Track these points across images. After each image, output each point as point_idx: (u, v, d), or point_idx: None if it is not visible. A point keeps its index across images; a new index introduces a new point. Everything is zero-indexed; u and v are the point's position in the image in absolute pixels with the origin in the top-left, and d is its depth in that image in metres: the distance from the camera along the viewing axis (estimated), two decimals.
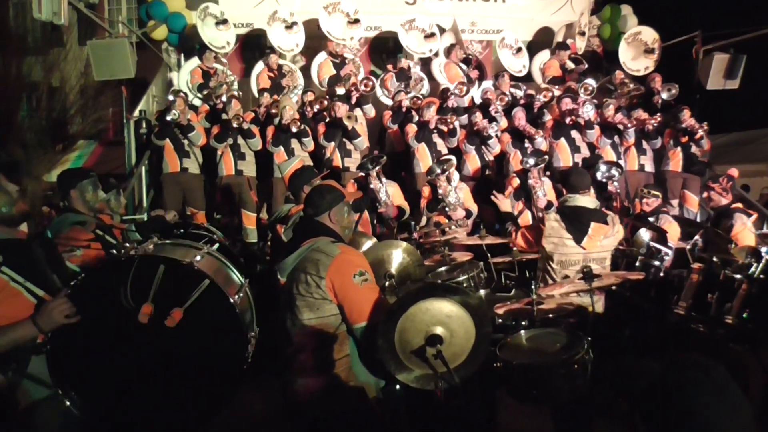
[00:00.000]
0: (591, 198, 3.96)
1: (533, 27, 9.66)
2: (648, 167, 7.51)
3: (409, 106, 7.40)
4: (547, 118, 7.56)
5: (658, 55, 8.84)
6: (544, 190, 6.24)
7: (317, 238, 2.48)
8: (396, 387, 2.46)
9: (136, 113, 7.79)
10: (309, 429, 2.43)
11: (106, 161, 12.21)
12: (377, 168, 5.57)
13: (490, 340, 2.32)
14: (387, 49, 9.29)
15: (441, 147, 7.18)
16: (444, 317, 2.16)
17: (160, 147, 7.09)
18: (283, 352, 2.47)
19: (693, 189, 7.41)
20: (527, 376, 2.66)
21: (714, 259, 3.80)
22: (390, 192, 5.73)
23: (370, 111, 7.70)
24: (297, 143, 6.98)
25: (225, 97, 7.26)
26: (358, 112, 7.41)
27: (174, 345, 2.34)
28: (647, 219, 5.22)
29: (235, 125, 6.83)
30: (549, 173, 6.79)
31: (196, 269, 2.42)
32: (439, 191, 5.91)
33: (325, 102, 7.38)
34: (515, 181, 6.58)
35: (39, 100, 13.45)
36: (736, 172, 5.34)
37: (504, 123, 7.51)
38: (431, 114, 7.07)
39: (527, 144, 7.14)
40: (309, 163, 6.38)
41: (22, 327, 2.21)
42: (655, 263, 4.45)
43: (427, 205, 6.16)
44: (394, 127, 7.54)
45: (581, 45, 9.12)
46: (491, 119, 7.32)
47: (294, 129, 6.77)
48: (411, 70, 8.21)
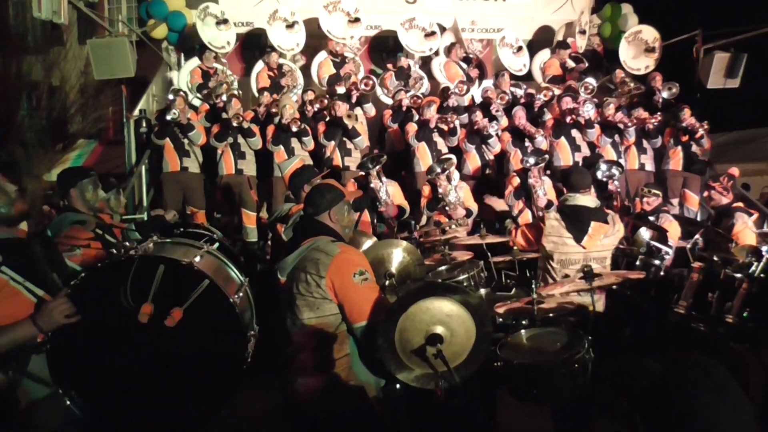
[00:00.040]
0: (591, 197, 3.95)
1: (533, 26, 9.67)
2: (648, 166, 7.50)
3: (410, 105, 7.39)
4: (548, 117, 7.55)
5: (658, 54, 8.83)
6: (544, 189, 6.23)
7: (317, 237, 2.48)
8: (396, 386, 2.46)
9: (136, 112, 7.78)
10: (309, 428, 2.43)
11: (106, 160, 12.20)
12: (377, 167, 5.57)
13: (490, 339, 2.32)
14: (387, 48, 9.27)
15: (441, 146, 7.17)
16: (444, 316, 2.16)
17: (160, 146, 7.08)
18: (283, 351, 2.47)
19: (693, 188, 7.41)
20: (528, 375, 2.66)
21: (714, 258, 3.80)
22: (390, 191, 5.73)
23: (370, 110, 7.69)
24: (297, 142, 6.97)
25: (225, 97, 7.25)
26: (358, 111, 7.41)
27: (174, 345, 2.34)
28: (648, 218, 5.22)
29: (235, 124, 6.83)
30: (549, 172, 6.78)
31: (195, 269, 2.41)
32: (440, 190, 5.91)
33: (325, 101, 7.37)
34: (515, 181, 6.57)
35: (39, 99, 13.42)
36: (736, 171, 5.34)
37: (504, 122, 7.50)
38: (431, 113, 7.06)
39: (527, 143, 7.13)
40: (309, 163, 6.38)
41: (22, 327, 2.21)
42: (656, 262, 4.44)
43: (428, 204, 6.16)
44: (394, 126, 7.54)
45: (582, 43, 9.11)
46: (491, 118, 7.31)
47: (294, 128, 6.76)
48: (411, 69, 8.20)
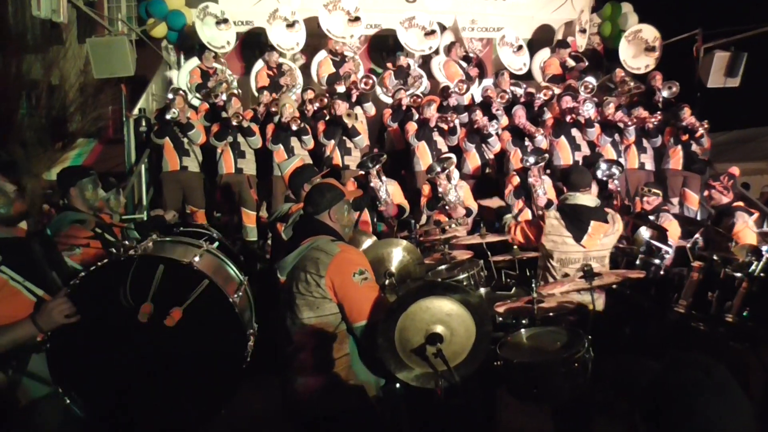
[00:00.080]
0: (591, 196, 3.95)
1: (533, 25, 9.66)
2: (648, 165, 7.50)
3: (409, 104, 7.39)
4: (548, 116, 7.55)
5: (658, 54, 8.82)
6: (544, 188, 6.23)
7: (317, 236, 2.48)
8: (396, 385, 2.46)
9: (135, 111, 7.77)
10: (309, 428, 2.43)
11: (105, 159, 12.20)
12: (377, 166, 5.56)
13: (490, 338, 2.32)
14: (387, 48, 9.26)
15: (441, 145, 7.17)
16: (444, 316, 2.16)
17: (159, 145, 7.08)
18: (283, 350, 2.47)
19: (693, 187, 7.41)
20: (527, 374, 2.66)
21: (714, 258, 3.80)
22: (390, 190, 5.73)
23: (370, 109, 7.68)
24: (297, 141, 6.97)
25: (225, 96, 7.25)
26: (358, 110, 7.40)
27: (173, 344, 2.34)
28: (648, 217, 5.22)
29: (235, 123, 6.82)
30: (549, 171, 6.78)
31: (195, 269, 2.41)
32: (439, 189, 5.90)
33: (325, 100, 7.36)
34: (515, 180, 6.57)
35: (38, 98, 13.42)
36: (737, 170, 5.33)
37: (505, 121, 7.50)
38: (431, 112, 7.06)
39: (527, 142, 7.13)
40: (309, 162, 6.38)
41: (21, 326, 2.21)
42: (656, 261, 4.44)
43: (427, 204, 6.15)
44: (394, 126, 7.53)
45: (582, 42, 9.10)
46: (492, 117, 7.31)
47: (294, 127, 6.76)
48: (410, 68, 8.19)
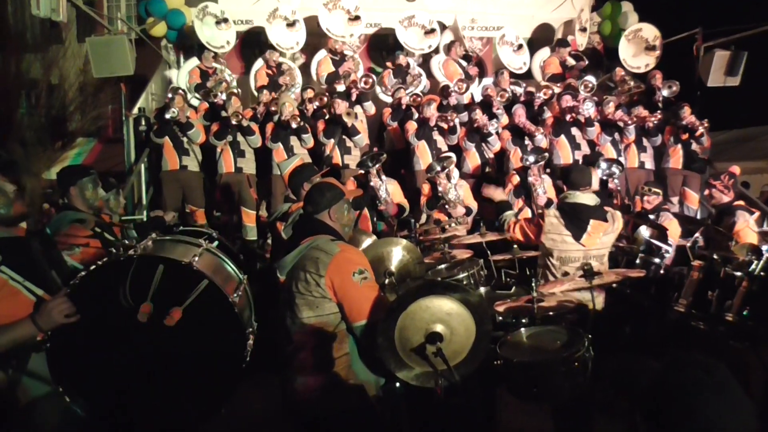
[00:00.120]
0: (591, 195, 3.95)
1: (533, 24, 9.65)
2: (648, 164, 7.50)
3: (409, 103, 7.38)
4: (548, 115, 7.55)
5: (659, 52, 8.81)
6: (544, 187, 6.23)
7: (317, 236, 2.48)
8: (396, 385, 2.45)
9: (135, 110, 7.75)
10: (309, 427, 2.42)
11: (105, 159, 12.21)
12: (377, 165, 5.56)
13: (490, 337, 2.31)
14: (387, 47, 9.25)
15: (441, 144, 7.16)
16: (444, 315, 2.16)
17: (159, 145, 7.07)
18: (283, 350, 2.46)
19: (693, 186, 7.40)
20: (527, 373, 2.65)
21: (714, 257, 3.80)
22: (390, 189, 5.73)
23: (370, 108, 7.68)
24: (296, 140, 6.97)
25: (224, 95, 7.24)
26: (358, 109, 7.39)
27: (173, 344, 2.34)
28: (648, 217, 5.22)
29: (234, 122, 6.81)
30: (549, 170, 6.78)
31: (195, 269, 2.40)
32: (439, 189, 5.91)
33: (325, 99, 7.36)
34: (515, 179, 6.57)
35: (38, 97, 13.43)
36: (737, 169, 5.31)
37: (505, 120, 7.50)
38: (431, 111, 7.05)
39: (527, 141, 7.13)
40: (308, 161, 6.37)
41: (21, 326, 2.21)
42: (656, 261, 4.44)
43: (427, 203, 6.16)
44: (393, 125, 7.53)
45: (582, 41, 9.08)
46: (492, 116, 7.30)
47: (294, 125, 6.75)
48: (410, 66, 8.18)
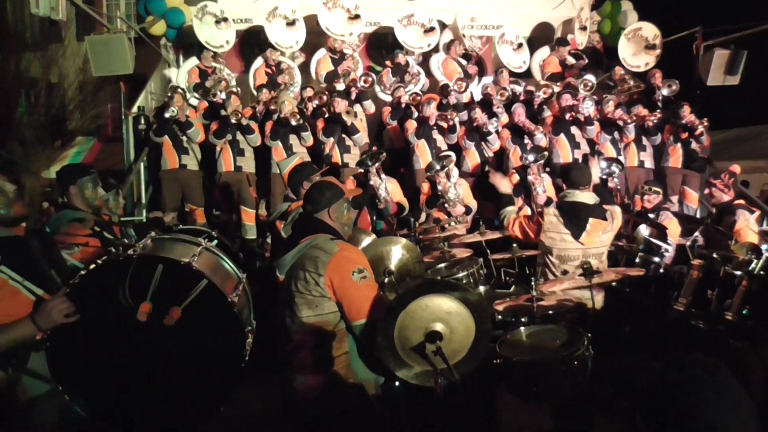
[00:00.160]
0: (591, 194, 3.95)
1: (533, 23, 9.64)
2: (648, 163, 7.50)
3: (409, 102, 7.37)
4: (547, 114, 7.55)
5: (659, 51, 8.80)
6: (543, 186, 6.23)
7: (316, 235, 2.48)
8: (395, 384, 2.45)
9: (134, 109, 7.74)
10: (308, 427, 2.42)
11: (104, 157, 12.19)
12: (377, 164, 5.55)
13: (489, 336, 2.31)
14: (386, 45, 9.23)
15: (441, 143, 7.16)
16: (444, 314, 2.16)
17: (158, 143, 7.06)
18: (282, 349, 2.46)
19: (693, 185, 7.41)
20: (527, 372, 2.65)
21: (714, 256, 3.80)
22: (389, 188, 5.72)
23: (369, 107, 7.67)
24: (295, 139, 6.96)
25: (224, 94, 7.23)
26: (357, 108, 7.39)
27: (172, 343, 2.34)
28: (648, 216, 5.22)
29: (234, 121, 6.81)
30: (548, 169, 6.78)
31: (194, 269, 2.40)
32: (439, 187, 5.90)
33: (325, 98, 7.35)
34: (515, 178, 6.57)
35: (37, 96, 13.41)
36: (738, 168, 5.29)
37: (505, 118, 7.49)
38: (431, 110, 7.05)
39: (527, 140, 7.12)
40: (308, 160, 6.36)
41: (21, 326, 2.21)
42: (655, 259, 4.44)
43: (427, 202, 6.15)
44: (393, 124, 7.52)
45: (583, 40, 9.06)
46: (492, 115, 7.30)
47: (293, 122, 6.75)
48: (409, 65, 8.18)
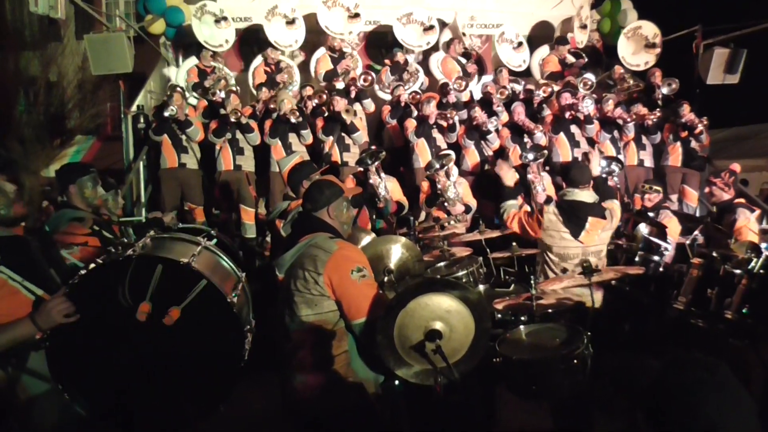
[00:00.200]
0: (590, 192, 3.95)
1: (532, 21, 9.64)
2: (647, 162, 7.50)
3: (408, 101, 7.37)
4: (547, 112, 7.54)
5: (659, 50, 8.79)
6: (543, 185, 6.22)
7: (315, 233, 2.47)
8: (395, 383, 2.45)
9: (133, 108, 7.72)
10: (309, 426, 2.42)
11: (104, 156, 12.16)
12: (376, 163, 5.54)
13: (489, 335, 2.31)
14: (385, 44, 9.22)
15: (440, 142, 7.16)
16: (443, 312, 2.16)
17: (158, 142, 7.06)
18: (282, 348, 2.46)
19: (692, 184, 7.41)
20: (527, 371, 2.65)
21: (714, 254, 3.79)
22: (389, 187, 5.71)
23: (369, 106, 7.67)
24: (295, 137, 6.96)
25: (223, 92, 7.22)
26: (357, 106, 7.38)
27: (172, 343, 2.33)
28: (647, 214, 5.22)
29: (233, 119, 6.80)
30: (548, 168, 6.77)
31: (193, 269, 2.40)
32: (438, 186, 5.90)
33: (324, 96, 7.34)
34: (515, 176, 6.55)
35: (36, 94, 13.37)
36: (738, 166, 5.28)
37: (505, 117, 7.48)
38: (431, 109, 7.04)
39: (526, 139, 7.12)
40: (307, 159, 6.35)
41: (21, 325, 2.21)
42: (655, 258, 4.44)
43: (426, 200, 6.15)
44: (393, 122, 7.51)
45: (583, 38, 9.05)
46: (491, 114, 7.30)
47: (293, 119, 6.74)
48: (408, 63, 8.17)
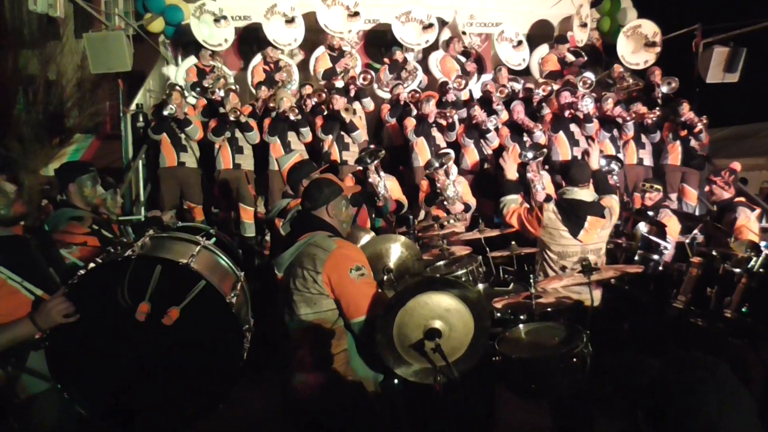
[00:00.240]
0: (589, 191, 3.95)
1: (532, 20, 9.62)
2: (647, 161, 7.50)
3: (408, 100, 7.36)
4: (546, 111, 7.53)
5: (659, 49, 8.78)
6: (542, 183, 6.22)
7: (314, 232, 2.47)
8: (395, 381, 2.45)
9: (132, 107, 7.71)
10: (309, 424, 2.42)
11: (103, 155, 12.13)
12: (376, 162, 5.54)
13: (488, 334, 2.31)
14: (385, 43, 9.21)
15: (440, 141, 7.15)
16: (443, 311, 2.16)
17: (157, 141, 7.04)
18: (282, 347, 2.46)
19: (692, 183, 7.41)
20: (526, 370, 2.65)
21: (713, 253, 3.80)
22: (388, 186, 5.71)
23: (368, 104, 7.66)
24: (294, 135, 6.95)
25: (222, 91, 7.21)
26: (356, 105, 7.37)
27: (171, 342, 2.33)
28: (647, 213, 5.22)
29: (232, 118, 6.79)
30: (548, 167, 6.77)
31: (192, 270, 2.39)
32: (438, 185, 5.89)
33: (324, 95, 7.33)
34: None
35: (35, 93, 13.36)
36: (738, 165, 5.27)
37: (505, 116, 7.48)
38: (430, 108, 7.04)
39: (526, 137, 7.12)
40: (307, 158, 6.34)
41: (20, 325, 2.21)
42: (654, 257, 4.44)
43: (426, 199, 6.15)
44: (392, 121, 7.50)
45: (583, 37, 9.04)
46: (491, 112, 7.29)
47: (292, 117, 6.73)
48: (407, 62, 8.16)
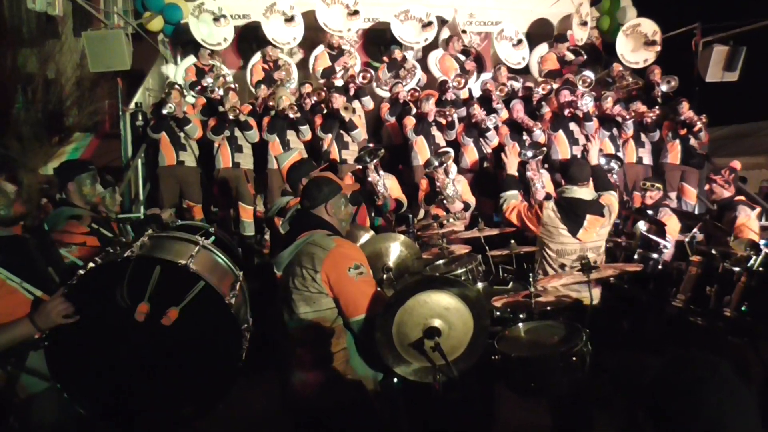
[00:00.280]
0: (589, 190, 3.95)
1: (531, 18, 9.62)
2: (646, 160, 7.50)
3: (407, 98, 7.36)
4: (546, 110, 7.53)
5: (659, 48, 8.78)
6: (542, 182, 6.22)
7: (313, 231, 2.47)
8: (394, 380, 2.45)
9: (132, 105, 7.70)
10: (308, 423, 2.42)
11: (102, 154, 12.09)
12: (375, 161, 5.53)
13: (488, 332, 2.31)
14: (384, 41, 9.20)
15: (439, 140, 7.14)
16: (442, 310, 2.16)
17: (156, 140, 7.04)
18: (281, 346, 2.46)
19: (691, 182, 7.41)
20: (525, 368, 2.65)
21: (713, 252, 3.80)
22: (388, 185, 5.71)
23: (368, 103, 7.65)
24: (293, 133, 6.95)
25: (222, 90, 7.20)
26: (356, 104, 7.37)
27: (170, 342, 2.33)
28: (647, 212, 5.22)
29: (232, 117, 6.78)
30: (547, 165, 6.77)
31: (191, 271, 2.39)
32: (437, 184, 5.89)
33: (323, 93, 7.33)
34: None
35: (34, 92, 13.32)
36: (738, 164, 5.26)
37: (505, 114, 7.47)
38: (430, 106, 7.03)
39: (525, 136, 7.11)
40: (306, 156, 6.34)
41: (20, 326, 2.20)
42: (654, 256, 4.44)
43: (425, 198, 6.14)
44: (391, 120, 7.50)
45: (583, 35, 9.03)
46: (491, 111, 7.29)
47: (291, 115, 6.73)
48: (406, 60, 8.15)
